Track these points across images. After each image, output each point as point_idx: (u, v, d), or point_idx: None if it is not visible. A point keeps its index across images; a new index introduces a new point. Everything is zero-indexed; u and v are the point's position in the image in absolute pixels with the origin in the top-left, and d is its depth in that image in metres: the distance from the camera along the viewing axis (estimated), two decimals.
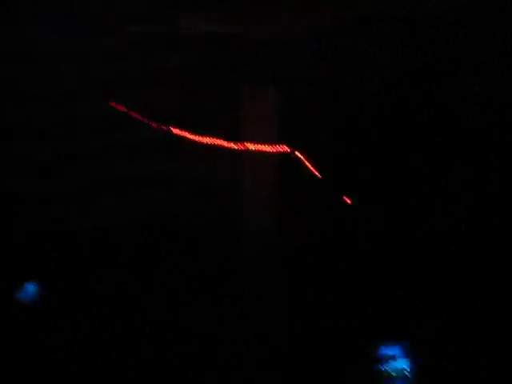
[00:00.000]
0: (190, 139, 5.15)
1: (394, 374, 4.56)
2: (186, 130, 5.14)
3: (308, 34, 5.27)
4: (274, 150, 5.11)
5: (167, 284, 4.97)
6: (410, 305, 4.77)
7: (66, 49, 5.36)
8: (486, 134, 5.01)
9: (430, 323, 4.71)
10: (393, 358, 4.60)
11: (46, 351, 4.77)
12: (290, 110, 5.14)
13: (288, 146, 5.10)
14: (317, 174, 5.04)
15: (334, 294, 4.85)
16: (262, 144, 5.10)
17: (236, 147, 5.12)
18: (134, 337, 4.83)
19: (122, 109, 5.16)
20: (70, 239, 5.15)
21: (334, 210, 5.06)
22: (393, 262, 4.87)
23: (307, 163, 5.06)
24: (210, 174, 5.17)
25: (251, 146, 5.10)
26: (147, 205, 5.17)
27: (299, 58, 5.24)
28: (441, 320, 4.72)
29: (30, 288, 4.95)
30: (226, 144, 5.12)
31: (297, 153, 5.08)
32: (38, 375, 4.69)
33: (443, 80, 5.06)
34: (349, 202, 5.02)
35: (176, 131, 5.16)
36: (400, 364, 4.59)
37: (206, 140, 5.14)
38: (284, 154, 5.12)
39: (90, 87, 5.31)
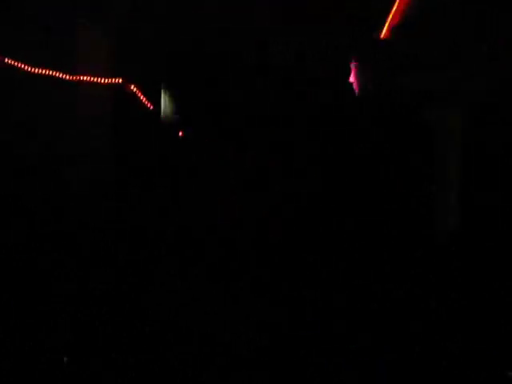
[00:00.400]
0: (23, 70, 5.14)
1: None
2: (18, 61, 5.15)
3: None
4: (108, 82, 5.16)
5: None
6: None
7: None
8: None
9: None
10: None
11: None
12: (128, 45, 5.19)
13: (124, 80, 5.15)
14: (152, 108, 5.10)
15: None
16: (96, 77, 5.15)
17: (69, 79, 5.15)
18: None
19: None
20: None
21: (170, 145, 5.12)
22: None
23: (143, 97, 5.11)
24: (42, 106, 5.19)
25: (85, 78, 5.15)
26: None
27: None
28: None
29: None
30: (59, 75, 5.15)
31: (132, 86, 5.13)
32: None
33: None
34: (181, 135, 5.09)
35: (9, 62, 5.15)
36: None
37: (39, 71, 5.16)
38: (119, 87, 5.16)
39: None
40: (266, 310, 4.88)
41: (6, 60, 5.19)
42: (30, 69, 5.19)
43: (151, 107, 5.17)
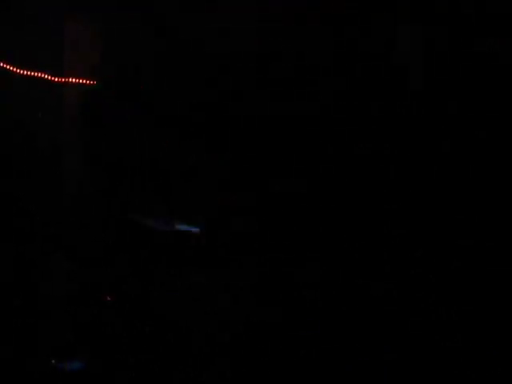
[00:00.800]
0: (8, 71, 5.16)
1: None
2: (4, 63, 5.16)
3: None
4: (93, 84, 5.20)
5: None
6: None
7: None
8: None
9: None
10: None
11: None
12: (114, 44, 5.22)
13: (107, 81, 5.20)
14: (136, 107, 5.16)
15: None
16: (83, 78, 5.17)
17: (56, 80, 5.17)
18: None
19: None
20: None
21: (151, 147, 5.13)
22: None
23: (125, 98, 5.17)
24: (28, 108, 5.21)
25: (72, 79, 5.16)
26: None
27: None
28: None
29: None
30: (46, 76, 5.16)
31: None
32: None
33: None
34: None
35: None
36: None
37: (26, 72, 5.18)
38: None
39: None
40: (265, 310, 4.88)
41: None
42: (16, 70, 5.19)
43: (133, 108, 5.20)
